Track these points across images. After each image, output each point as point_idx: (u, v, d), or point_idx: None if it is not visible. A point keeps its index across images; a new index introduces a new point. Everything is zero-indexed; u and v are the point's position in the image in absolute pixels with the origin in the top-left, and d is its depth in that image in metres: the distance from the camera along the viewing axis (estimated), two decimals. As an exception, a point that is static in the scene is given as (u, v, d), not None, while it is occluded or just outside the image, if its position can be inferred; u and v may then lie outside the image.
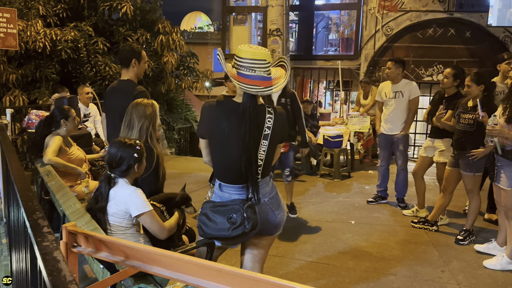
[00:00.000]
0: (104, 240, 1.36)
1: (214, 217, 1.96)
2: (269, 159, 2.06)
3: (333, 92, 9.95)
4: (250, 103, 1.95)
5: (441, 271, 3.27)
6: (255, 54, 1.94)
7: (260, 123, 1.98)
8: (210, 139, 2.07)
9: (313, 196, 5.26)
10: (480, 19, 7.44)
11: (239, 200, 1.99)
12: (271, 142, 2.03)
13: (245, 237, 1.99)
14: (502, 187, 3.22)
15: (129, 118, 2.46)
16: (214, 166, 2.12)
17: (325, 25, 10.03)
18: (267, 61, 1.97)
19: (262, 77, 1.95)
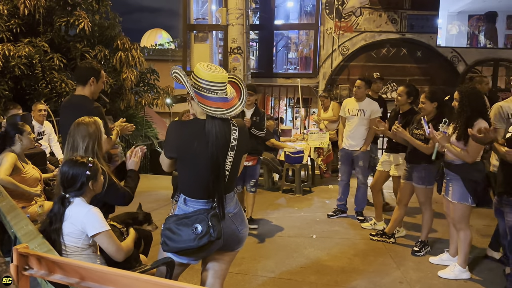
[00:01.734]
0: (58, 261, 1.31)
1: (178, 229, 1.96)
2: (234, 171, 2.11)
3: (293, 109, 10.15)
4: (214, 123, 2.00)
5: (399, 282, 3.37)
6: (215, 77, 1.98)
7: (226, 138, 2.03)
8: (178, 158, 2.08)
9: (275, 212, 5.29)
10: (429, 40, 7.89)
11: (203, 209, 2.01)
12: (237, 153, 2.08)
13: (210, 248, 2.00)
14: (450, 200, 3.39)
15: (72, 139, 2.36)
16: (181, 182, 2.13)
17: (285, 44, 10.28)
18: (225, 83, 2.04)
19: (223, 98, 2.01)
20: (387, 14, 7.88)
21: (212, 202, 2.04)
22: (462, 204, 3.31)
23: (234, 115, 2.05)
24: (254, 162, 4.55)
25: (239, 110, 2.05)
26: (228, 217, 2.08)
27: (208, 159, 1.99)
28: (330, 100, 7.32)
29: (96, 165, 2.16)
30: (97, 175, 2.16)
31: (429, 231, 4.04)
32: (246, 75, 7.11)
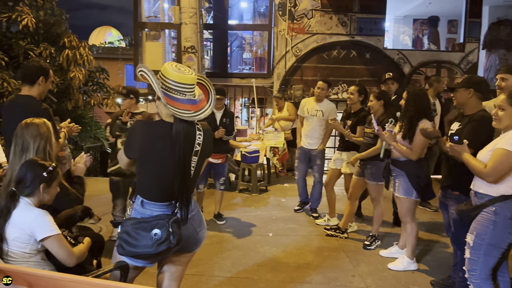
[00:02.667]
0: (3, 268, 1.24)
1: (136, 233, 1.89)
2: (196, 174, 2.08)
3: (249, 109, 10.20)
4: (182, 126, 1.96)
5: (351, 276, 3.49)
6: (184, 78, 1.94)
7: (191, 143, 2.00)
8: (140, 159, 2.02)
9: (232, 212, 5.29)
10: (377, 42, 8.23)
11: (164, 215, 1.96)
12: (200, 158, 2.06)
13: (168, 253, 1.96)
14: (397, 195, 3.56)
15: (22, 140, 2.24)
16: (140, 184, 2.06)
17: (239, 44, 10.30)
18: (194, 85, 2.00)
19: (191, 100, 1.98)
20: (337, 17, 8.12)
21: (171, 205, 2.00)
22: (407, 198, 3.49)
23: (203, 118, 2.01)
24: (223, 160, 4.71)
25: (207, 113, 2.02)
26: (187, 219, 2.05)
27: (173, 162, 1.94)
28: (284, 100, 7.44)
29: (56, 172, 2.07)
30: (53, 182, 2.06)
31: (380, 226, 4.22)
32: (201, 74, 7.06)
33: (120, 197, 4.17)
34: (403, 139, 3.43)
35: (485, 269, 2.45)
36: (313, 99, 5.08)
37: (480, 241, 2.43)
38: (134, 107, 4.16)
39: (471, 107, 2.93)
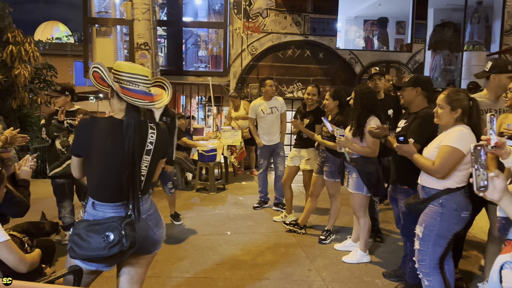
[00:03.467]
0: None
1: (88, 236, 1.83)
2: (150, 175, 2.04)
3: (205, 107, 10.12)
4: (134, 119, 1.92)
5: (308, 270, 3.57)
6: (134, 68, 1.95)
7: (143, 139, 1.96)
8: (87, 157, 1.95)
9: (189, 212, 5.24)
10: (330, 42, 8.44)
11: (117, 217, 1.90)
12: (154, 158, 2.01)
13: (122, 256, 1.91)
14: (349, 190, 3.69)
15: None
16: (90, 184, 1.99)
17: (194, 41, 10.18)
18: (148, 77, 1.99)
19: (145, 92, 1.96)
20: (291, 16, 8.24)
21: (123, 206, 1.95)
22: (358, 194, 3.62)
23: (159, 107, 1.99)
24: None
25: (164, 103, 2.01)
26: (142, 219, 2.00)
27: (122, 157, 1.89)
28: (240, 99, 7.46)
29: (2, 173, 1.95)
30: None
31: (335, 220, 4.34)
32: (155, 72, 6.90)
33: (67, 199, 4.01)
34: (354, 136, 3.56)
35: (434, 258, 2.60)
36: (261, 99, 5.33)
37: (428, 232, 2.57)
38: (69, 105, 4.00)
39: (417, 105, 3.07)
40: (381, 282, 3.37)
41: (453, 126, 2.54)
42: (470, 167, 2.49)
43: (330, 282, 3.36)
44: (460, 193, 2.53)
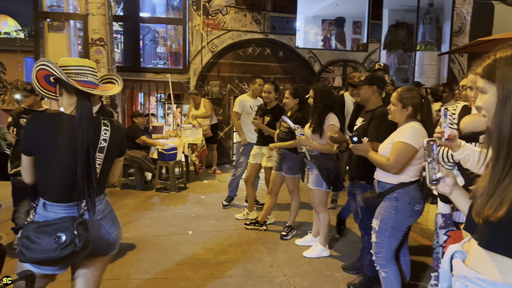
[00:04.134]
0: None
1: (38, 238, 1.74)
2: (104, 174, 1.97)
3: (165, 105, 9.93)
4: (87, 111, 1.87)
5: (270, 266, 3.59)
6: (81, 61, 1.95)
7: (96, 135, 1.90)
8: (37, 155, 1.86)
9: (149, 212, 5.12)
10: (289, 41, 8.52)
11: (68, 217, 1.82)
12: (107, 156, 1.95)
13: (75, 257, 1.83)
14: (309, 186, 3.75)
15: None
16: (40, 184, 1.90)
17: (152, 38, 9.96)
18: (94, 69, 1.97)
19: (94, 83, 1.95)
20: (251, 14, 8.25)
21: (76, 206, 1.88)
22: (318, 189, 3.70)
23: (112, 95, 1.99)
24: None
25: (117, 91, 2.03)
26: (97, 220, 1.93)
27: (74, 155, 1.82)
28: (201, 97, 7.39)
29: None
30: None
31: (296, 216, 4.40)
32: (111, 68, 6.68)
33: (26, 199, 3.82)
34: (313, 133, 3.62)
35: (390, 250, 2.69)
36: (248, 96, 5.31)
37: (384, 225, 2.66)
38: (38, 104, 3.83)
39: (373, 103, 3.17)
40: (341, 275, 3.45)
41: (405, 123, 2.64)
42: (422, 161, 2.62)
43: (291, 277, 3.40)
44: (414, 187, 2.63)
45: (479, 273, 1.18)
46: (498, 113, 1.15)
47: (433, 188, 1.36)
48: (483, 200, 1.17)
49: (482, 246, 1.19)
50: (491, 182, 1.16)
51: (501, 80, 1.13)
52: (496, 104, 1.15)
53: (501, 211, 1.10)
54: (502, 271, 1.14)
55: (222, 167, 8.04)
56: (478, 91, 1.25)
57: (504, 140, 1.13)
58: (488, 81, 1.17)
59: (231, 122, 7.97)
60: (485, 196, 1.17)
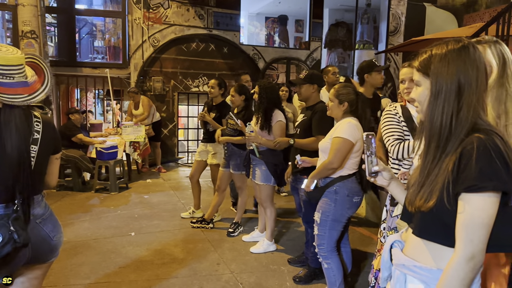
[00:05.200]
0: None
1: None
2: (40, 169, 1.82)
3: (103, 102, 9.49)
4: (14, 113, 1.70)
5: (217, 264, 3.56)
6: (9, 59, 1.66)
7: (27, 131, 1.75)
8: None
9: (88, 214, 4.87)
10: (234, 37, 8.49)
11: (2, 215, 1.68)
12: (42, 150, 1.80)
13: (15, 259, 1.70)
14: (257, 182, 3.77)
15: None
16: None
17: (89, 31, 9.46)
18: (23, 65, 1.73)
19: (22, 83, 1.72)
20: (194, 9, 8.11)
21: (11, 206, 1.72)
22: (266, 185, 3.72)
23: (39, 101, 1.76)
24: None
25: (43, 96, 1.78)
26: (36, 224, 1.79)
27: (6, 155, 1.67)
28: (141, 95, 7.14)
29: None
30: None
31: (243, 213, 4.40)
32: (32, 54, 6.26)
33: None
34: (261, 130, 3.64)
35: (331, 242, 2.77)
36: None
37: (325, 218, 2.74)
38: None
39: (313, 100, 3.33)
40: (287, 269, 3.50)
41: (342, 118, 2.74)
42: (359, 155, 2.72)
43: (238, 273, 3.39)
44: (352, 180, 2.74)
45: (416, 261, 1.23)
46: (430, 106, 1.21)
47: (371, 180, 1.40)
48: (415, 190, 1.23)
49: (416, 235, 1.25)
50: (422, 172, 1.23)
51: (435, 75, 1.19)
52: (429, 97, 1.21)
53: (431, 201, 1.16)
54: (435, 258, 1.20)
55: (167, 166, 7.86)
56: (413, 83, 1.31)
57: (435, 133, 1.20)
58: (423, 74, 1.23)
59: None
60: (417, 186, 1.23)
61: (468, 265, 1.09)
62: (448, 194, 1.13)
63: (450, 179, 1.13)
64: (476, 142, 1.10)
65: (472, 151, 1.09)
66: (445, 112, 1.17)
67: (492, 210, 1.09)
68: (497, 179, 1.07)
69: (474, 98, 1.16)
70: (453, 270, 1.10)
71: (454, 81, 1.17)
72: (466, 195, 1.10)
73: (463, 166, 1.11)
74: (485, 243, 1.10)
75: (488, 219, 1.09)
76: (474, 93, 1.16)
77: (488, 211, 1.09)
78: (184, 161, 8.55)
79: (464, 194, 1.10)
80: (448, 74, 1.17)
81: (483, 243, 1.10)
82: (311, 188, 2.77)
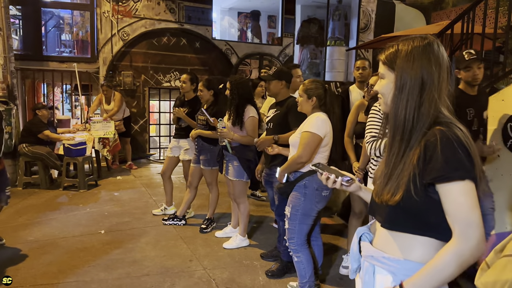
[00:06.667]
0: None
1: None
2: None
3: (71, 97, 9.21)
4: None
5: (189, 261, 3.54)
6: None
7: None
8: None
9: (56, 212, 4.73)
10: (206, 32, 8.42)
11: None
12: None
13: None
14: (230, 178, 3.76)
15: None
16: None
17: (56, 24, 9.14)
18: None
19: None
20: (165, 3, 7.98)
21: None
22: (239, 180, 3.72)
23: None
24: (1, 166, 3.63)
25: None
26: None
27: None
28: (113, 89, 6.98)
29: None
30: None
31: (215, 209, 4.38)
32: (8, 56, 6.01)
33: None
34: (233, 125, 3.62)
35: (301, 236, 2.81)
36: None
37: (295, 212, 2.77)
38: None
39: (283, 95, 3.37)
40: (259, 264, 3.52)
41: (311, 113, 2.78)
42: (328, 149, 2.77)
43: (211, 269, 3.38)
44: (320, 174, 2.77)
45: (384, 252, 1.26)
46: (395, 100, 1.24)
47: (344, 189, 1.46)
48: (382, 181, 1.26)
49: (384, 227, 1.28)
50: (388, 164, 1.26)
51: (400, 70, 1.22)
52: (394, 91, 1.24)
53: (397, 195, 1.19)
54: (403, 249, 1.23)
55: (138, 162, 7.73)
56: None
57: (399, 125, 1.23)
58: (388, 68, 1.26)
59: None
60: (383, 178, 1.26)
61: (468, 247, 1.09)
62: (415, 186, 1.16)
63: (416, 172, 1.16)
64: (439, 134, 1.14)
65: (436, 143, 1.13)
66: (409, 106, 1.20)
67: (473, 193, 1.11)
68: (462, 168, 1.10)
69: (435, 93, 1.20)
70: (453, 255, 1.10)
71: (417, 77, 1.20)
72: (442, 186, 1.12)
73: (428, 158, 1.14)
74: (481, 223, 1.10)
75: (474, 200, 1.11)
76: (435, 89, 1.20)
77: (470, 193, 1.10)
78: (156, 157, 8.44)
79: (440, 186, 1.12)
80: (412, 69, 1.20)
81: (479, 224, 1.09)
82: (283, 181, 2.79)
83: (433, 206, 1.16)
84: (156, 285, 3.10)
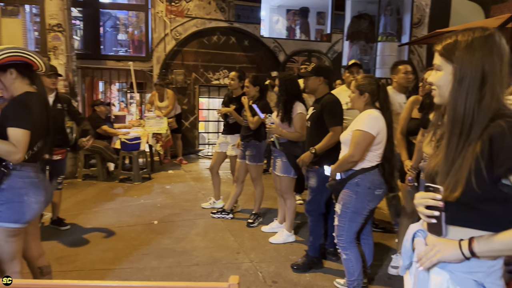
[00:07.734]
0: None
1: None
2: None
3: (127, 94, 9.67)
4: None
5: (236, 253, 3.62)
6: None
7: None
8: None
9: (112, 203, 5.01)
10: (255, 30, 8.49)
11: None
12: None
13: None
14: (277, 173, 3.79)
15: None
16: None
17: (113, 24, 9.62)
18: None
19: None
20: (215, 2, 8.14)
21: None
22: (286, 176, 3.75)
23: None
24: (63, 156, 3.96)
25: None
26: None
27: None
28: (165, 88, 7.24)
29: None
30: None
31: (261, 203, 4.44)
32: (70, 55, 6.42)
33: None
34: (282, 122, 3.65)
35: (350, 234, 2.78)
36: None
37: (345, 209, 2.74)
38: None
39: (321, 92, 3.32)
40: (306, 260, 3.52)
41: (364, 109, 2.73)
42: (381, 147, 2.71)
43: (257, 262, 3.44)
44: (374, 172, 2.72)
45: None
46: (453, 93, 1.20)
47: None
48: (441, 179, 1.22)
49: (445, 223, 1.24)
50: (446, 160, 1.21)
51: (459, 61, 1.18)
52: (453, 83, 1.20)
53: (456, 192, 1.15)
54: None
55: (188, 157, 7.97)
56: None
57: (458, 119, 1.19)
58: (446, 59, 1.22)
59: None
60: (443, 175, 1.22)
61: None
62: (477, 180, 1.12)
63: (481, 165, 1.12)
64: (506, 125, 1.10)
65: (504, 134, 1.09)
66: (469, 99, 1.16)
67: None
68: None
69: (497, 86, 1.16)
70: None
71: (478, 69, 1.16)
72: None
73: (497, 149, 1.10)
74: None
75: None
76: (497, 82, 1.16)
77: None
78: (205, 152, 8.65)
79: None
80: (473, 61, 1.16)
81: None
82: (337, 178, 2.78)
83: (498, 199, 1.12)
84: (205, 275, 3.20)
